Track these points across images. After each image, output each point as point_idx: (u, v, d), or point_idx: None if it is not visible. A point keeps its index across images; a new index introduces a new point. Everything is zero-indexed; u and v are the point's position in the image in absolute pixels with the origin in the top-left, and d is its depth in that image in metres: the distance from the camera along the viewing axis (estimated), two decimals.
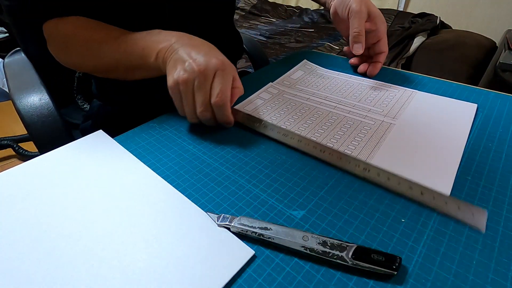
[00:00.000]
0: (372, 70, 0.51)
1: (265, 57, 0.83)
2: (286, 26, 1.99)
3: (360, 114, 0.41)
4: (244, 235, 0.24)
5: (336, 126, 0.38)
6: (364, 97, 0.45)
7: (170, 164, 0.33)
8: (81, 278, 0.21)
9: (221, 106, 0.34)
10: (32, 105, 0.44)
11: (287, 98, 0.45)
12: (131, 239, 0.24)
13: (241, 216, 0.26)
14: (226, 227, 0.25)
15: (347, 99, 0.45)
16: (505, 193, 0.28)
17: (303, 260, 0.23)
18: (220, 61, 0.34)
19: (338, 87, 0.48)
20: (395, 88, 0.48)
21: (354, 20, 0.48)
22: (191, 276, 0.21)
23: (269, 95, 0.45)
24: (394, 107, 0.42)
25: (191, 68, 0.33)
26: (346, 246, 0.22)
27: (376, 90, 0.47)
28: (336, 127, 0.38)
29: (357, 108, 0.42)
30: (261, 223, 0.25)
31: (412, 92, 0.46)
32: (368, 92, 0.46)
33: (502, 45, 1.26)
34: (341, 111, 0.41)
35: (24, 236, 0.24)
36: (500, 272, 0.22)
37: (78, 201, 0.28)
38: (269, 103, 0.43)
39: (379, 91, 0.47)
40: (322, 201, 0.28)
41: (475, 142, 0.35)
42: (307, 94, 0.46)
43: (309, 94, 0.46)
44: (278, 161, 0.33)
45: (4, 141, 1.36)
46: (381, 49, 0.51)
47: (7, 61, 0.53)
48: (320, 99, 0.44)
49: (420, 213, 0.26)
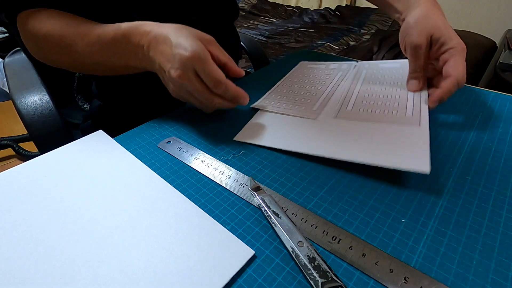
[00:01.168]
0: (431, 98, 0.37)
1: (265, 57, 0.83)
2: (286, 26, 1.99)
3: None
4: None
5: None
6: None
7: (170, 164, 0.33)
8: (81, 278, 0.21)
9: (223, 91, 0.34)
10: (32, 105, 0.44)
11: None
12: (131, 239, 0.24)
13: (270, 193, 0.29)
14: (252, 194, 0.28)
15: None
16: (505, 193, 0.28)
17: None
18: (190, 54, 0.32)
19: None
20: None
21: (410, 59, 0.40)
22: (191, 276, 0.21)
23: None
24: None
25: (172, 78, 0.34)
26: (329, 277, 0.20)
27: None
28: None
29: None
30: (278, 209, 0.26)
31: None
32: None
33: (502, 45, 1.27)
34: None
35: (24, 236, 0.24)
36: (500, 272, 0.22)
37: (78, 201, 0.28)
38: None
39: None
40: (322, 201, 0.28)
41: (475, 142, 0.35)
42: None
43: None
44: (278, 161, 0.33)
45: (4, 141, 1.36)
46: (447, 72, 0.36)
47: (7, 61, 0.53)
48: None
49: (420, 213, 0.26)
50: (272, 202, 0.27)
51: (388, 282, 0.21)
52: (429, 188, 0.29)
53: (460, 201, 0.27)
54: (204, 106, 0.37)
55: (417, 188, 0.29)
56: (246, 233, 0.25)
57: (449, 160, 0.32)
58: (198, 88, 0.34)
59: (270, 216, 0.25)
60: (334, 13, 2.07)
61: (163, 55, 0.34)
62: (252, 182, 0.29)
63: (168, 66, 0.33)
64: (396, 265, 0.22)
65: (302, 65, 0.57)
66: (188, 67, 0.33)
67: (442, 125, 0.38)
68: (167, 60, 0.34)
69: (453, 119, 0.40)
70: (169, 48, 0.34)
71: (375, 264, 0.22)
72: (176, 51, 0.33)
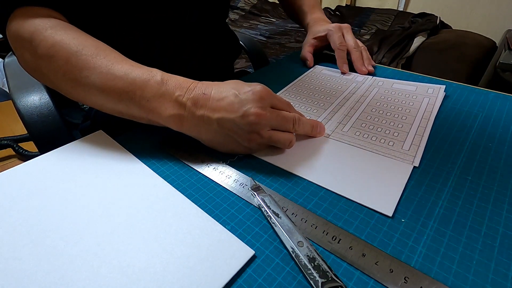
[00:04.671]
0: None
1: (265, 57, 0.83)
2: (286, 26, 1.99)
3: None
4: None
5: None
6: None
7: (170, 164, 0.33)
8: (81, 278, 0.21)
9: (299, 117, 0.34)
10: (32, 104, 0.44)
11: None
12: (131, 239, 0.24)
13: (270, 192, 0.28)
14: (252, 194, 0.28)
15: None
16: (505, 193, 0.28)
17: None
18: (261, 89, 0.31)
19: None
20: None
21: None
22: (191, 276, 0.21)
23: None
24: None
25: (250, 121, 0.30)
26: (329, 277, 0.20)
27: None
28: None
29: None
30: (278, 209, 0.26)
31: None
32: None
33: (502, 45, 1.26)
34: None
35: (24, 236, 0.24)
36: (500, 272, 0.22)
37: (78, 201, 0.28)
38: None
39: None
40: (322, 201, 0.28)
41: (475, 142, 0.35)
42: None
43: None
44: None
45: (4, 141, 1.36)
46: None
47: (7, 61, 0.53)
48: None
49: (420, 213, 0.26)
50: (272, 202, 0.27)
51: (388, 282, 0.21)
52: (429, 188, 0.29)
53: (460, 201, 0.27)
54: (287, 141, 0.33)
55: (417, 188, 0.29)
56: (246, 233, 0.25)
57: (449, 160, 0.32)
58: (283, 116, 0.32)
59: (270, 216, 0.25)
60: (334, 13, 2.07)
61: (223, 110, 0.30)
62: (252, 182, 0.29)
63: (239, 114, 0.30)
64: (396, 265, 0.22)
65: (317, 69, 0.57)
66: (266, 102, 0.31)
67: (442, 125, 0.38)
68: (231, 111, 0.30)
69: (453, 119, 0.40)
70: (227, 99, 0.30)
71: (375, 264, 0.22)
72: (243, 96, 0.30)
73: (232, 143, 0.32)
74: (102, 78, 0.32)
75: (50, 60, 0.33)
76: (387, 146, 0.34)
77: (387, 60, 1.33)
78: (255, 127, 0.30)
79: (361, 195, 0.28)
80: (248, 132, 0.30)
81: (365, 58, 0.55)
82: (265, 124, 0.31)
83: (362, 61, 0.54)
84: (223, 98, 0.31)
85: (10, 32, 0.35)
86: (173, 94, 0.31)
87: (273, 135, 0.32)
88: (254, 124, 0.30)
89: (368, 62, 0.55)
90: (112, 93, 0.32)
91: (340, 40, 0.55)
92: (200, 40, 0.54)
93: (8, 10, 0.35)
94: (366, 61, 0.55)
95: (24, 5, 0.35)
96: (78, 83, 0.33)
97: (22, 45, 0.35)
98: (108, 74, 0.32)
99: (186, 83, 0.32)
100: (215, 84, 0.32)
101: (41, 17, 0.35)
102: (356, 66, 0.54)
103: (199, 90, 0.31)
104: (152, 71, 0.33)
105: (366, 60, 0.55)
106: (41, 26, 0.34)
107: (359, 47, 0.55)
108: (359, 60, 0.54)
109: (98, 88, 0.32)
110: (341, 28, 0.56)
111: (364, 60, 0.55)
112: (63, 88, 0.35)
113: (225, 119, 0.30)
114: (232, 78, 0.36)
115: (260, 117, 0.30)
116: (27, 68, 0.37)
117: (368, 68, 0.54)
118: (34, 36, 0.34)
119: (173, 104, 0.31)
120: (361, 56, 0.55)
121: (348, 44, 0.55)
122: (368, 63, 0.55)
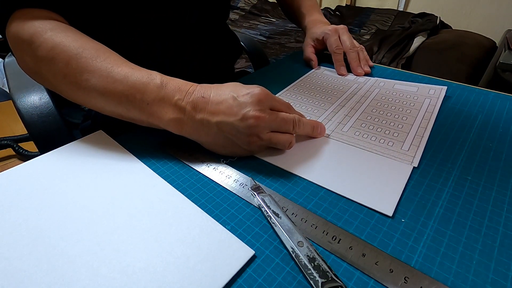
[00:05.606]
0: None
1: (265, 57, 0.83)
2: (286, 26, 1.99)
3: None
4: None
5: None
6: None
7: (170, 164, 0.33)
8: (81, 278, 0.21)
9: (299, 118, 0.34)
10: (32, 104, 0.44)
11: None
12: (131, 239, 0.24)
13: (270, 192, 0.29)
14: (252, 194, 0.28)
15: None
16: (505, 193, 0.28)
17: None
18: (260, 91, 0.31)
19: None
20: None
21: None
22: (191, 276, 0.21)
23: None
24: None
25: (249, 124, 0.30)
26: (329, 277, 0.20)
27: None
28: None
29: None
30: (278, 209, 0.26)
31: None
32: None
33: (502, 45, 1.26)
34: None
35: (24, 236, 0.24)
36: (500, 272, 0.22)
37: (78, 201, 0.28)
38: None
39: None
40: (322, 201, 0.28)
41: (475, 142, 0.35)
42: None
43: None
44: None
45: (4, 141, 1.36)
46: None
47: (7, 61, 0.53)
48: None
49: (420, 213, 0.26)
50: (272, 202, 0.27)
51: (388, 282, 0.21)
52: (429, 188, 0.29)
53: (460, 201, 0.27)
54: (286, 142, 0.33)
55: (417, 188, 0.29)
56: (246, 233, 0.25)
57: (449, 160, 0.32)
58: (282, 118, 0.32)
59: (270, 216, 0.25)
60: (334, 13, 2.07)
61: (222, 113, 0.30)
62: (252, 182, 0.29)
63: (238, 117, 0.30)
64: (396, 265, 0.22)
65: (319, 69, 0.57)
66: (265, 105, 0.31)
67: (442, 125, 0.38)
68: (230, 114, 0.30)
69: (453, 119, 0.40)
70: (226, 103, 0.30)
71: (375, 264, 0.22)
72: (242, 99, 0.30)
73: (232, 145, 0.32)
74: (102, 81, 0.32)
75: (50, 63, 0.33)
76: (387, 146, 0.34)
77: (387, 60, 1.33)
78: (255, 130, 0.30)
79: (361, 195, 0.28)
80: (248, 135, 0.30)
81: (362, 59, 0.55)
82: (264, 126, 0.31)
83: (359, 62, 0.54)
84: (222, 101, 0.31)
85: (10, 34, 0.35)
86: (173, 98, 0.31)
87: (273, 137, 0.32)
88: (253, 127, 0.30)
89: (365, 62, 0.55)
90: (112, 96, 0.32)
91: (336, 43, 0.55)
92: (200, 41, 0.54)
93: (8, 11, 0.35)
94: (362, 62, 0.55)
95: (24, 7, 0.35)
96: (78, 86, 0.33)
97: (21, 47, 0.35)
98: (108, 77, 0.32)
99: (186, 86, 0.32)
100: (214, 87, 0.32)
101: (41, 19, 0.35)
102: (352, 67, 0.54)
103: (198, 94, 0.31)
104: (151, 74, 0.32)
105: (362, 60, 0.55)
106: (41, 28, 0.34)
107: (355, 47, 0.55)
108: (355, 61, 0.54)
109: (98, 91, 0.32)
110: (337, 31, 0.56)
111: (360, 61, 0.55)
112: (63, 91, 0.35)
113: (224, 123, 0.30)
114: (233, 78, 0.36)
115: (259, 120, 0.30)
116: (27, 70, 0.37)
117: (364, 69, 0.53)
118: (34, 38, 0.33)
119: (172, 108, 0.31)
120: (357, 56, 0.54)
121: (344, 46, 0.55)
122: (364, 64, 0.54)
